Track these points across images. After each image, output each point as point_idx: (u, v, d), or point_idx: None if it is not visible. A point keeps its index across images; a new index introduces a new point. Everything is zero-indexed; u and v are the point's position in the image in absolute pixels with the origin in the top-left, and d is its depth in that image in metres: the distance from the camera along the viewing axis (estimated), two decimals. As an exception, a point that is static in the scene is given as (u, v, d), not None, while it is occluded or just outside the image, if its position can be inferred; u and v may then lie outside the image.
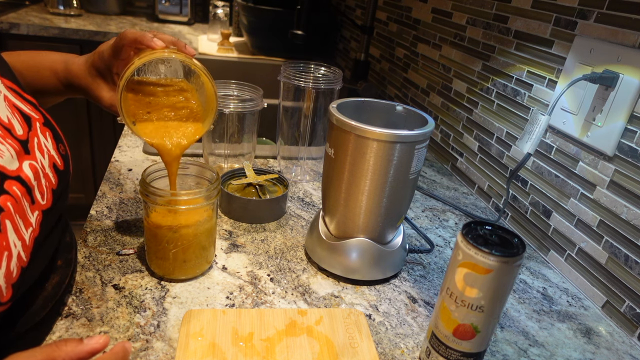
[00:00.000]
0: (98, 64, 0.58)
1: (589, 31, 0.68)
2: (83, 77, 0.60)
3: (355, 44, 1.67)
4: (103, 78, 0.59)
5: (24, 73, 0.62)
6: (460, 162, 0.99)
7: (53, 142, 0.48)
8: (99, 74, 0.59)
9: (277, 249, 0.67)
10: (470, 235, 0.43)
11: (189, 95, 0.57)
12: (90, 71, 0.59)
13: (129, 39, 0.54)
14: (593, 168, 0.66)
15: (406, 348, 0.53)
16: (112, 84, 0.60)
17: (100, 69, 0.59)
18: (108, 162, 0.85)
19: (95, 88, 0.59)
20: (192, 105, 0.57)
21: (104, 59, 0.57)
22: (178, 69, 0.59)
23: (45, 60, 0.63)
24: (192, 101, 0.57)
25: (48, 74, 0.62)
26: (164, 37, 0.55)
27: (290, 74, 0.80)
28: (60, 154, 0.49)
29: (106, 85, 0.60)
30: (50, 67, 0.62)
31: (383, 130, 0.53)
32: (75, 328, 0.48)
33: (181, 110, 0.56)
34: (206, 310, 0.52)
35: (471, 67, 0.96)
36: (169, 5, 2.24)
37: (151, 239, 0.56)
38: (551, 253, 0.74)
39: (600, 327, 0.61)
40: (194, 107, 0.57)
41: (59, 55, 0.63)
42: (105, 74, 0.59)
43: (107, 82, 0.60)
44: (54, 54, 0.64)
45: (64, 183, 0.49)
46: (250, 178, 0.78)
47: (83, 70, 0.60)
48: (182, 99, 0.57)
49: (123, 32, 0.55)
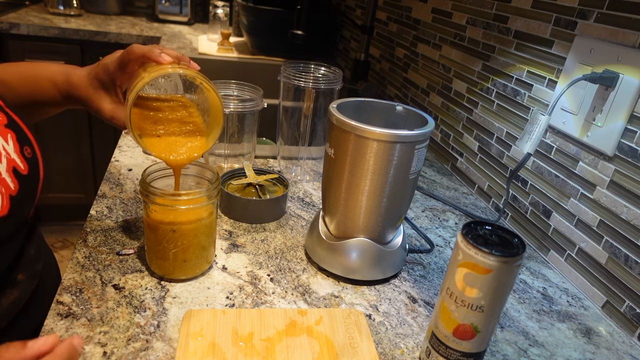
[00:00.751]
0: (101, 76, 0.58)
1: (589, 31, 0.68)
2: (84, 89, 0.60)
3: (355, 44, 1.67)
4: (105, 90, 0.59)
5: (15, 85, 0.62)
6: (460, 162, 0.99)
7: (16, 145, 0.46)
8: (101, 86, 0.59)
9: (277, 249, 0.67)
10: (470, 235, 0.43)
11: (192, 111, 0.59)
12: (92, 83, 0.59)
13: (136, 54, 0.54)
14: (593, 168, 0.66)
15: (406, 348, 0.53)
16: (114, 96, 0.60)
17: (103, 81, 0.58)
18: (108, 162, 0.85)
19: (97, 100, 0.59)
20: (196, 120, 0.58)
21: (109, 71, 0.57)
22: (178, 84, 0.60)
23: (44, 71, 0.63)
24: (196, 116, 0.58)
25: (47, 84, 0.62)
26: (170, 52, 0.55)
27: (290, 74, 0.80)
28: (25, 157, 0.47)
29: (108, 97, 0.59)
30: (50, 78, 0.62)
31: (383, 130, 0.53)
32: (75, 328, 0.48)
33: (187, 125, 0.57)
34: (206, 310, 0.52)
35: (471, 67, 0.96)
36: (169, 5, 2.24)
37: (151, 239, 0.56)
38: (551, 253, 0.74)
39: (600, 327, 0.61)
40: (199, 122, 0.58)
41: (59, 66, 0.63)
42: (108, 87, 0.59)
43: (109, 94, 0.60)
44: (54, 65, 0.64)
45: (28, 189, 0.47)
46: (250, 178, 0.78)
47: (84, 81, 0.60)
48: (187, 114, 0.58)
49: (130, 46, 0.55)
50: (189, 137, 0.57)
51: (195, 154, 0.56)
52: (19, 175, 0.45)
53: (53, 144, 2.01)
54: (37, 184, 0.49)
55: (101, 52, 1.92)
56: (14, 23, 1.79)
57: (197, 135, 0.57)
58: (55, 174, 2.06)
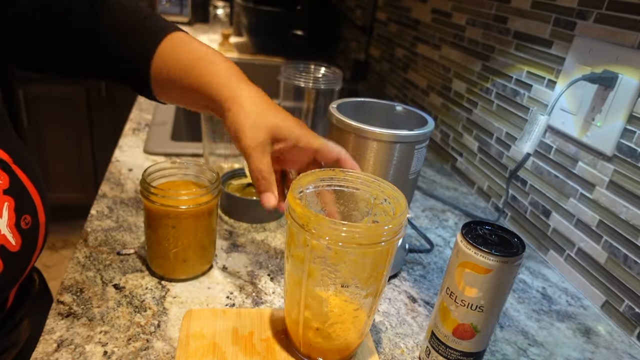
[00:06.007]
0: (278, 145, 0.50)
1: (588, 32, 0.68)
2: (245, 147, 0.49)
3: (355, 44, 1.67)
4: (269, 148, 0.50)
5: (170, 89, 0.53)
6: (460, 162, 0.99)
7: (11, 216, 0.41)
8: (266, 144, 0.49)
9: (277, 248, 0.67)
10: (470, 235, 0.43)
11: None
12: (263, 149, 0.49)
13: (333, 158, 0.51)
14: (592, 168, 0.66)
15: (406, 348, 0.53)
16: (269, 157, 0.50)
17: (272, 145, 0.50)
18: (108, 162, 0.85)
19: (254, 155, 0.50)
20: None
21: (289, 149, 0.50)
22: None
23: (207, 89, 0.51)
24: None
25: (203, 102, 0.52)
26: (353, 163, 0.52)
27: (290, 74, 0.80)
28: (20, 229, 0.42)
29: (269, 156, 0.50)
30: (211, 98, 0.51)
31: (383, 130, 0.53)
32: (75, 328, 0.48)
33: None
34: (206, 310, 0.52)
35: (471, 68, 0.96)
36: (169, 6, 2.24)
37: (151, 239, 0.56)
38: (550, 253, 0.74)
39: (600, 327, 0.61)
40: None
41: (227, 90, 0.50)
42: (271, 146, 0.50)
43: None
44: (215, 76, 0.51)
45: (16, 267, 0.42)
46: (250, 178, 0.78)
47: (250, 143, 0.49)
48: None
49: (332, 147, 0.51)
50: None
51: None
52: (6, 253, 0.41)
53: (53, 144, 2.02)
54: (29, 258, 0.45)
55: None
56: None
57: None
58: (56, 174, 2.06)
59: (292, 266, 0.45)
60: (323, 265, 0.42)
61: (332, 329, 0.45)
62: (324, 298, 0.44)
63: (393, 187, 0.47)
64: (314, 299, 0.44)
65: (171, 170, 0.58)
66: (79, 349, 0.46)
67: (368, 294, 0.44)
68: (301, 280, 0.44)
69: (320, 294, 0.44)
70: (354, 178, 0.49)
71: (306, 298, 0.44)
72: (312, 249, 0.41)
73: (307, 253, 0.42)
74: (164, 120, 1.03)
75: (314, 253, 0.42)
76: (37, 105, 1.95)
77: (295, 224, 0.41)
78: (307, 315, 0.45)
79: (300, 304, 0.45)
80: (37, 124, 1.98)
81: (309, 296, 0.44)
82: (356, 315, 0.45)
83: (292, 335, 0.48)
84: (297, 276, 0.44)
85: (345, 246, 0.40)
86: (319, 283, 0.43)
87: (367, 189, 0.48)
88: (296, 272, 0.44)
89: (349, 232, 0.40)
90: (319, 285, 0.43)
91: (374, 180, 0.48)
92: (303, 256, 0.42)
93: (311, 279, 0.43)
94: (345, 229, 0.39)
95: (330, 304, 0.44)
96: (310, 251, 0.41)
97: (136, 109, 1.11)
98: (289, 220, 0.43)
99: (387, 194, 0.47)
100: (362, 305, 0.44)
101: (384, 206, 0.47)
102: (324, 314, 0.45)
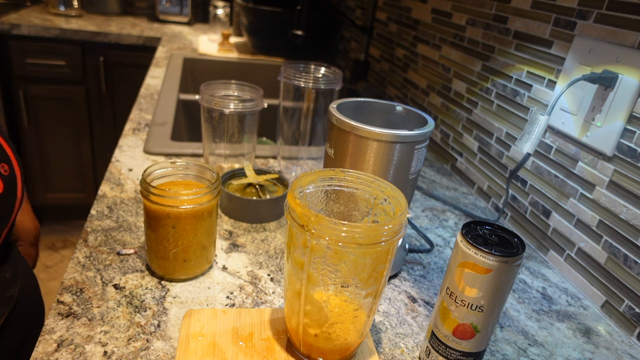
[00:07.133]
0: None
1: (588, 31, 0.68)
2: None
3: (355, 44, 1.67)
4: None
5: None
6: (460, 162, 0.99)
7: None
8: None
9: (277, 248, 0.67)
10: (470, 235, 0.43)
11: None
12: None
13: None
14: (592, 168, 0.66)
15: (406, 348, 0.53)
16: None
17: None
18: (108, 162, 0.85)
19: None
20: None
21: None
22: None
23: None
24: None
25: None
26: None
27: (290, 74, 0.80)
28: (1, 175, 0.44)
29: None
30: None
31: (383, 130, 0.53)
32: (75, 328, 0.48)
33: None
34: (206, 310, 0.52)
35: (471, 68, 0.96)
36: (169, 6, 2.24)
37: (151, 239, 0.56)
38: (550, 253, 0.74)
39: (600, 327, 0.61)
40: None
41: None
42: None
43: None
44: None
45: (2, 208, 0.44)
46: (250, 178, 0.78)
47: None
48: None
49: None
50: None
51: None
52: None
53: (53, 144, 2.02)
54: (13, 203, 0.46)
55: (102, 53, 1.93)
56: (15, 24, 1.80)
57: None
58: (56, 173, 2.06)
59: (291, 271, 0.45)
60: (323, 266, 0.42)
61: (332, 329, 0.45)
62: (323, 300, 0.44)
63: (393, 187, 0.47)
64: (314, 305, 0.44)
65: (171, 170, 0.58)
66: (79, 349, 0.46)
67: (368, 294, 0.44)
68: (301, 290, 0.44)
69: (319, 298, 0.44)
70: (354, 178, 0.49)
71: (305, 306, 0.44)
72: (312, 251, 0.41)
73: (307, 255, 0.42)
74: (164, 120, 1.03)
75: (314, 254, 0.42)
76: (37, 105, 1.95)
77: (295, 224, 0.41)
78: (307, 321, 0.45)
79: (299, 314, 0.45)
80: (37, 124, 1.98)
81: (309, 303, 0.44)
82: (356, 315, 0.45)
83: (292, 336, 0.48)
84: (297, 286, 0.44)
85: (345, 246, 0.40)
86: (319, 283, 0.43)
87: (367, 189, 0.48)
88: (296, 281, 0.44)
89: (349, 232, 0.40)
90: (319, 286, 0.43)
91: (374, 180, 0.48)
92: (302, 261, 0.42)
93: (310, 282, 0.43)
94: (345, 229, 0.39)
95: (330, 304, 0.44)
96: (310, 253, 0.41)
97: (136, 109, 1.11)
98: (289, 221, 0.43)
99: (387, 194, 0.47)
100: (362, 305, 0.44)
101: (384, 206, 0.47)
102: (323, 317, 0.45)
